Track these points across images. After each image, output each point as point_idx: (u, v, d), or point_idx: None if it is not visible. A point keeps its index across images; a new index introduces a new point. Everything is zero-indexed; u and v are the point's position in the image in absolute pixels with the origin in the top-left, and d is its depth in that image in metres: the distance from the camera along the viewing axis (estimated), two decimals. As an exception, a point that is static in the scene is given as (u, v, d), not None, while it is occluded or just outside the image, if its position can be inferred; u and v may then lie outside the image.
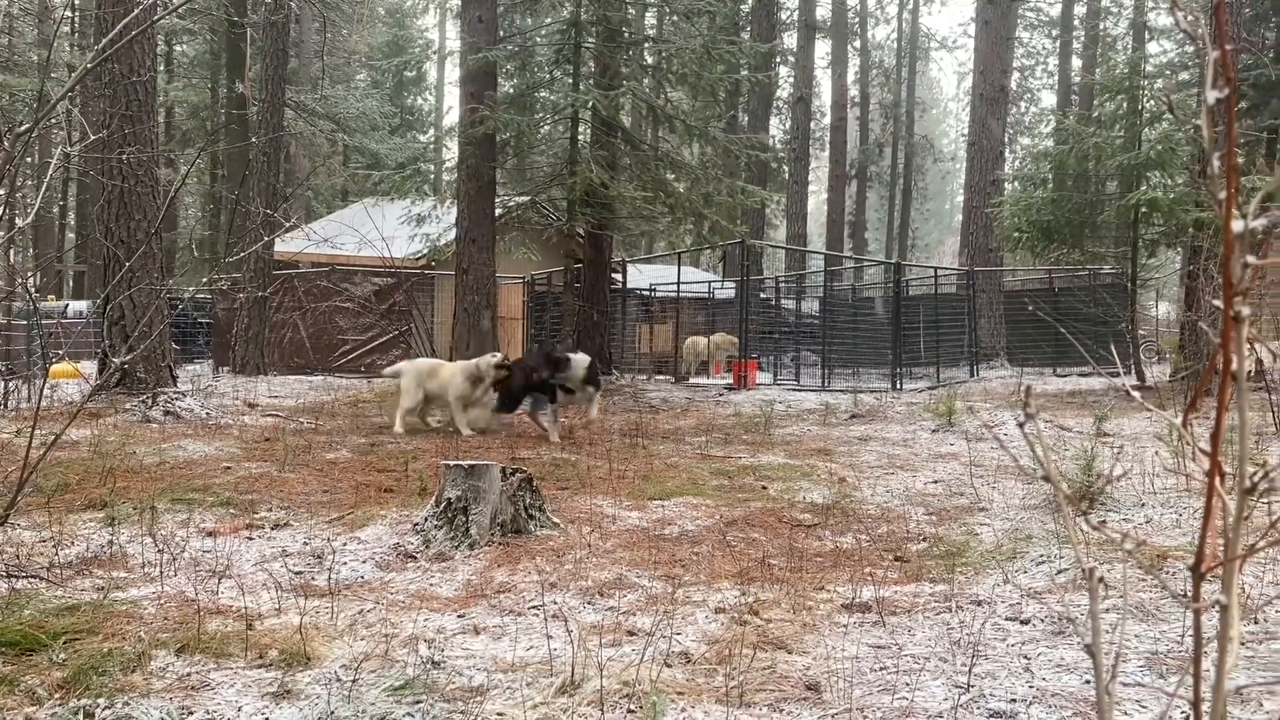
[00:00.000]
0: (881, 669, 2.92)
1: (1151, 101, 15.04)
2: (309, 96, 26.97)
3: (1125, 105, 15.14)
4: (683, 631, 3.29)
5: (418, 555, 4.36)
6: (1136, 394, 1.14)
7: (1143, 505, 5.28)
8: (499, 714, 2.57)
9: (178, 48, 34.32)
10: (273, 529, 4.86)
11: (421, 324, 15.43)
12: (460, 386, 9.40)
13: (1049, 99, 46.44)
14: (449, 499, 4.57)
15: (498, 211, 15.40)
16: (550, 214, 18.66)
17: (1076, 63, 40.75)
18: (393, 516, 5.10)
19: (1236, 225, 0.68)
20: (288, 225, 12.37)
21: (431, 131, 43.24)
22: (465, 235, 14.41)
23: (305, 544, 4.53)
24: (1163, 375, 14.61)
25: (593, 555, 4.41)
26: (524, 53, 16.42)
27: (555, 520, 4.96)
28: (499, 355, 9.68)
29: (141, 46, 10.89)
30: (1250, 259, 0.68)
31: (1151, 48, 31.74)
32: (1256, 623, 3.21)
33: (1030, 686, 2.73)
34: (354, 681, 2.72)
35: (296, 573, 4.05)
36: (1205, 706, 0.92)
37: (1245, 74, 15.80)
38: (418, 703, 2.62)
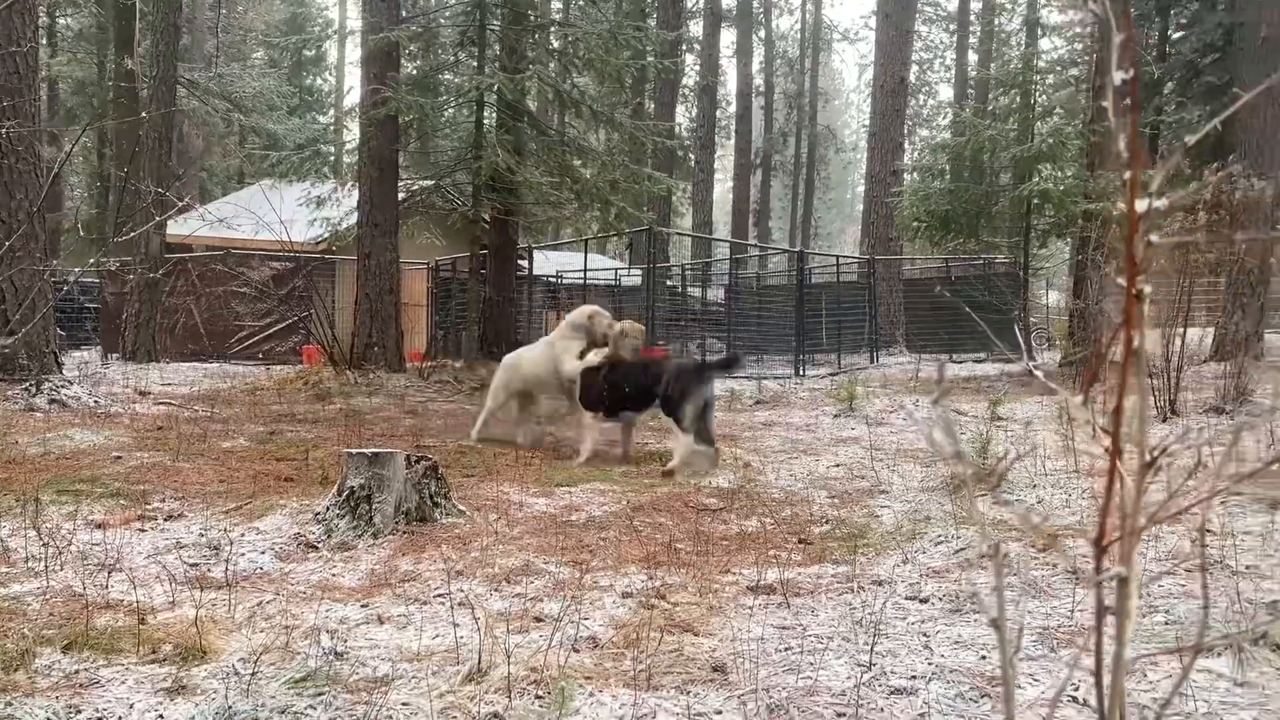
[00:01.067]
0: (786, 649, 2.96)
1: (1044, 96, 15.58)
2: (203, 74, 26.05)
3: (1019, 99, 15.66)
4: (590, 617, 3.29)
5: (319, 545, 4.26)
6: (1039, 373, 1.17)
7: (1035, 486, 5.48)
8: (404, 704, 2.53)
9: (61, 20, 32.76)
10: (166, 520, 4.69)
11: (322, 310, 15.04)
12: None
13: (946, 92, 47.81)
14: (352, 487, 4.48)
15: (401, 195, 15.13)
16: (455, 199, 18.41)
17: (973, 57, 41.98)
18: (293, 506, 4.97)
19: (1140, 205, 0.70)
20: (180, 205, 11.94)
21: (332, 112, 42.27)
22: (367, 219, 14.12)
23: (201, 535, 4.38)
24: (1052, 361, 15.17)
25: (499, 542, 4.37)
26: (428, 34, 16.13)
27: (461, 508, 4.90)
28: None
29: (21, 17, 10.34)
30: (1154, 237, 0.71)
31: (1044, 44, 32.84)
32: (1141, 597, 3.36)
33: (930, 663, 2.80)
34: (253, 675, 2.65)
35: (191, 565, 3.92)
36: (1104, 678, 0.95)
37: (1130, 72, 16.45)
38: (320, 695, 2.56)
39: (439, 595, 3.54)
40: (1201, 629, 0.87)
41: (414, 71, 15.94)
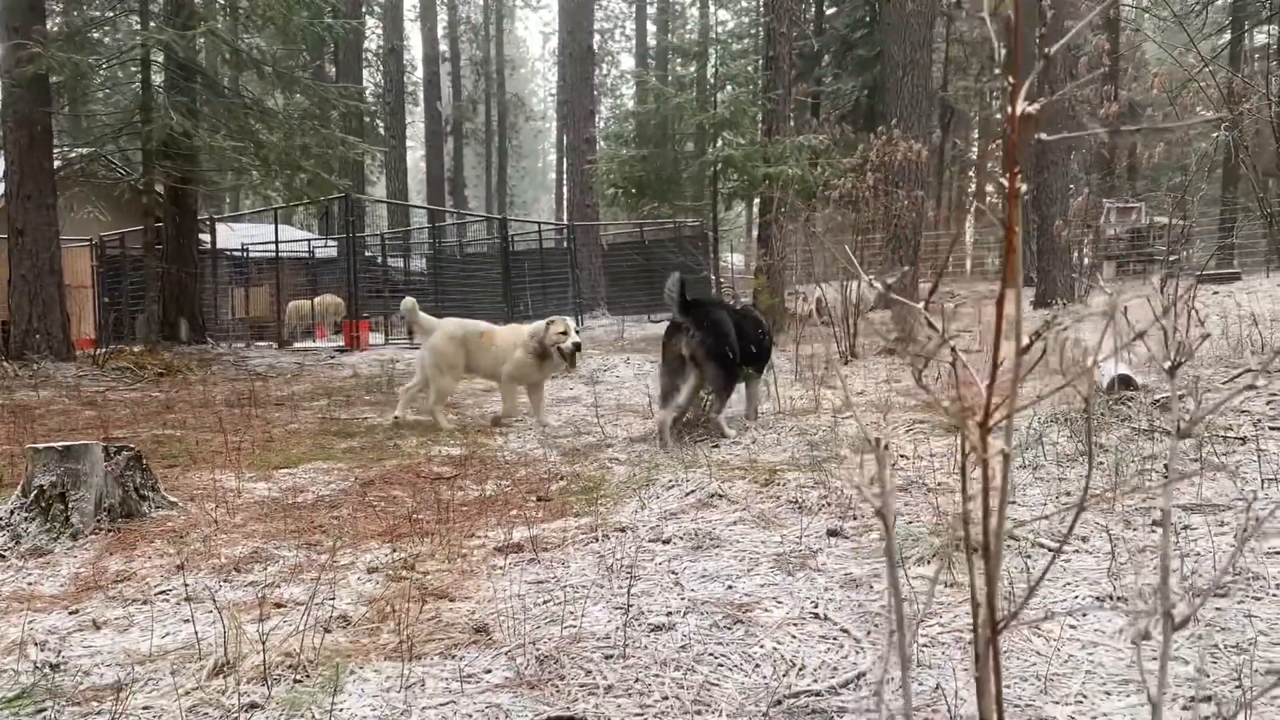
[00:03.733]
0: (546, 602, 2.99)
1: (722, 66, 16.46)
2: None
3: (697, 69, 16.46)
4: (337, 596, 3.16)
5: (7, 553, 3.77)
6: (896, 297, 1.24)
7: (747, 430, 5.85)
8: (146, 708, 2.31)
9: None
10: None
11: (-34, 295, 13.20)
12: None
13: (628, 61, 49.28)
14: (41, 486, 3.99)
15: (56, 164, 13.52)
16: (120, 168, 16.70)
17: (651, 27, 43.50)
18: (-35, 515, 4.36)
19: (1021, 107, 0.77)
20: None
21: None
22: (18, 191, 12.48)
23: None
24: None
25: (221, 531, 4.08)
26: (77, -17, 14.46)
27: (173, 499, 4.52)
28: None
29: None
30: (1043, 135, 0.79)
31: (722, 14, 34.63)
32: (858, 518, 3.69)
33: (683, 599, 2.94)
34: (-47, 703, 2.32)
35: None
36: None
37: (797, 45, 17.74)
38: (41, 711, 2.29)
39: (161, 592, 3.26)
40: (998, 524, 0.96)
41: (64, 26, 14.19)
